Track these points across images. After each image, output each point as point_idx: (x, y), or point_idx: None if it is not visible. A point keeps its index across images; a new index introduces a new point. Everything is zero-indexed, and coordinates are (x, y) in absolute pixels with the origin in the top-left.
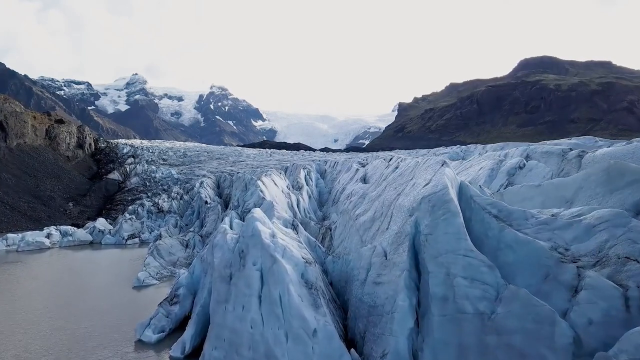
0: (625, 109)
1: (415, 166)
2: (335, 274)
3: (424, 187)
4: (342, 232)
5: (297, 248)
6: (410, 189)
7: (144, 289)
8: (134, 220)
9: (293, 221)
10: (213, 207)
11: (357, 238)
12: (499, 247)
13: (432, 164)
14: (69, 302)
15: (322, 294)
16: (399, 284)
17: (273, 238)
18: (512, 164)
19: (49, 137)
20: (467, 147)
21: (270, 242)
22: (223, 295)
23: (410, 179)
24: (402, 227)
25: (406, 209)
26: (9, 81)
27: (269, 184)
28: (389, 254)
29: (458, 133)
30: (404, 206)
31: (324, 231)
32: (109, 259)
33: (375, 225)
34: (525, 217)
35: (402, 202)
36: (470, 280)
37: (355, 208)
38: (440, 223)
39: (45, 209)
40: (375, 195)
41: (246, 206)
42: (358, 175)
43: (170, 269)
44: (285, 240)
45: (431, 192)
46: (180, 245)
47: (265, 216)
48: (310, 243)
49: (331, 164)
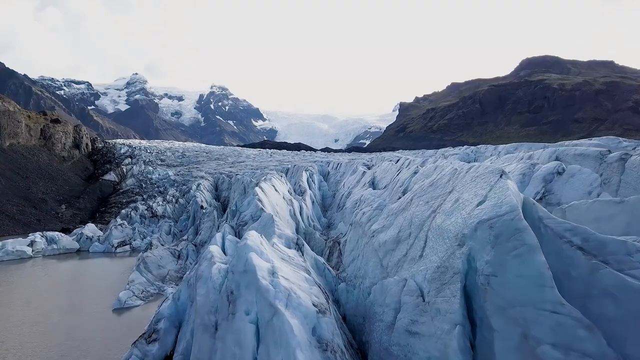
0: (631, 109)
1: (453, 175)
2: (349, 307)
3: (478, 206)
4: (354, 249)
5: (306, 288)
6: (453, 207)
7: (125, 313)
8: (124, 226)
9: (297, 239)
10: (209, 213)
11: (375, 260)
12: (589, 293)
13: (484, 173)
14: (27, 334)
15: (340, 355)
16: (449, 344)
17: (273, 277)
18: (549, 168)
19: (44, 137)
20: (478, 148)
21: (268, 283)
22: (206, 353)
23: (448, 191)
24: (448, 260)
25: (452, 234)
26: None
27: (269, 191)
28: (428, 294)
29: (460, 133)
30: (446, 230)
31: (331, 244)
32: (93, 270)
33: (401, 249)
34: (628, 250)
35: (444, 224)
36: (564, 351)
37: (370, 222)
38: (510, 261)
39: (36, 212)
40: (397, 209)
41: (242, 218)
42: (365, 178)
43: (158, 286)
44: (289, 279)
45: (493, 214)
46: (172, 256)
47: (262, 241)
48: (318, 266)
49: (334, 165)
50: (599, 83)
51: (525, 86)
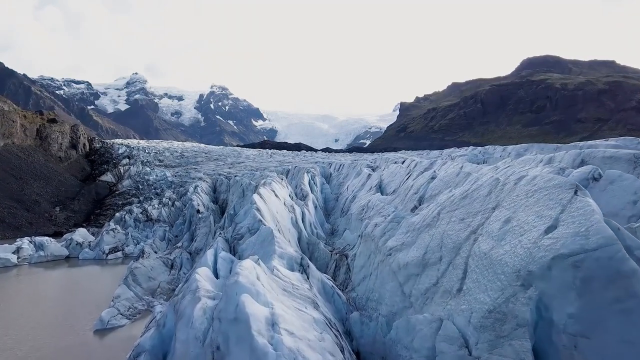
0: (634, 109)
1: (494, 186)
2: (365, 342)
3: (548, 233)
4: (365, 266)
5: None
6: (504, 230)
7: (108, 335)
8: (117, 231)
9: (302, 259)
10: (205, 218)
11: (393, 285)
12: None
13: (546, 186)
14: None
15: None
16: None
17: (273, 330)
18: (583, 174)
19: (40, 137)
20: (486, 149)
21: (267, 342)
22: None
23: (491, 207)
24: (506, 303)
25: (509, 269)
26: (8, 80)
27: (268, 197)
28: (476, 347)
29: (462, 133)
30: (499, 261)
31: (337, 257)
32: (80, 280)
33: (430, 276)
34: None
35: (494, 253)
36: None
37: (385, 236)
38: (611, 318)
39: (28, 214)
40: (420, 224)
41: (238, 230)
42: (371, 182)
43: (147, 301)
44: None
45: (576, 248)
46: (164, 266)
47: (259, 273)
48: (326, 290)
49: (336, 167)
50: (602, 83)
51: (527, 86)
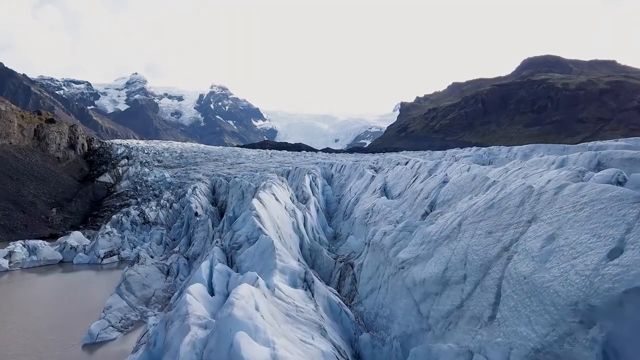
0: (636, 109)
1: (528, 195)
2: None
3: (612, 258)
4: (374, 277)
5: None
6: (548, 249)
7: (97, 349)
8: (112, 234)
9: (305, 274)
10: (203, 222)
11: (407, 302)
12: None
13: (601, 198)
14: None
15: None
16: None
17: None
18: (605, 177)
19: (37, 137)
20: (490, 150)
21: None
22: None
23: (526, 220)
24: (559, 343)
25: (561, 299)
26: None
27: (269, 202)
28: None
29: (462, 133)
30: (546, 289)
31: (342, 266)
32: (73, 287)
33: (452, 296)
34: None
35: (537, 278)
36: None
37: (396, 246)
38: None
39: (23, 216)
40: (437, 235)
41: (236, 239)
42: (375, 184)
43: (141, 310)
44: None
45: None
46: (160, 272)
47: (257, 300)
48: (332, 308)
49: (337, 168)
50: (603, 82)
51: (528, 86)
